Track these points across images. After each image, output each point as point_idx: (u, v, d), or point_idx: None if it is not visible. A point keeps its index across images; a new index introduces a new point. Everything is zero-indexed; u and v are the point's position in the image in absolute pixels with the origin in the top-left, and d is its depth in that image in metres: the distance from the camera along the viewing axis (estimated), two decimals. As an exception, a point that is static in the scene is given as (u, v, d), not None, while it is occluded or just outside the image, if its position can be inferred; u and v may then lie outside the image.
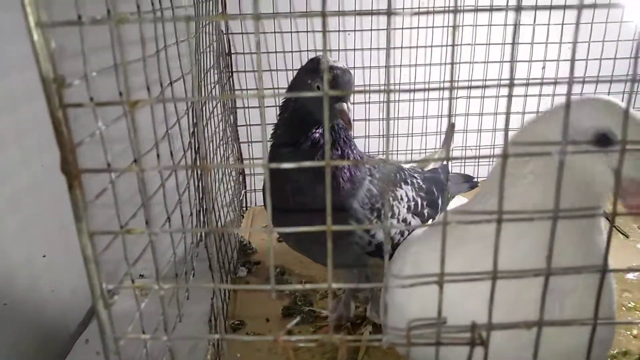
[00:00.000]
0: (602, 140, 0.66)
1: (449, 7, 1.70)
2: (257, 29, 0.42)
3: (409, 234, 1.03)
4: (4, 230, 1.13)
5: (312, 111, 1.06)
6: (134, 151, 0.47)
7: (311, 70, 1.07)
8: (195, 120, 1.00)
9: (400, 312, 0.74)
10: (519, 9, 0.43)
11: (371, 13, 0.42)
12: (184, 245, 0.99)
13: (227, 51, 1.72)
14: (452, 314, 0.53)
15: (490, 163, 1.94)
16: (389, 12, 0.43)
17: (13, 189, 1.19)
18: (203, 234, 1.11)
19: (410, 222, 1.20)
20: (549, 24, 1.67)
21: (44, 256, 1.34)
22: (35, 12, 0.40)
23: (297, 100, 1.08)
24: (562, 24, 1.65)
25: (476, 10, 0.39)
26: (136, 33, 0.54)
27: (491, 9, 0.39)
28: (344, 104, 1.02)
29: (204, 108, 1.11)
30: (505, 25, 1.76)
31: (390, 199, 1.17)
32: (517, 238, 0.70)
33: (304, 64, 1.14)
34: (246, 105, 1.81)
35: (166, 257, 0.89)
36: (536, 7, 0.38)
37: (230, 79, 1.75)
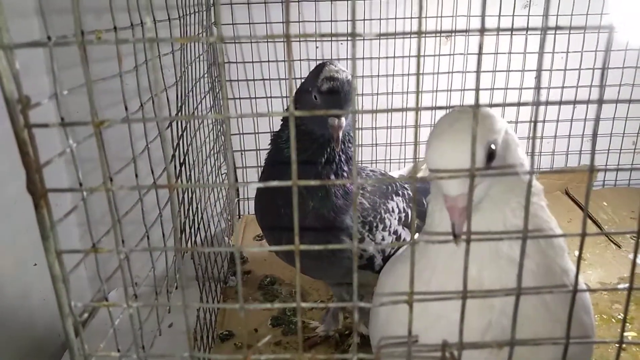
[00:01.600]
0: None
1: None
2: (221, 51, 0.43)
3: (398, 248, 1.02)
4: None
5: (310, 124, 1.03)
6: (103, 170, 0.47)
7: (313, 77, 1.02)
8: (180, 133, 1.00)
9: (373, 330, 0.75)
10: (482, 31, 0.43)
11: (334, 34, 0.42)
12: (167, 259, 0.99)
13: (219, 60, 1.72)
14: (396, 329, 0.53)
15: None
16: (354, 34, 0.43)
17: (3, 197, 1.20)
18: (189, 245, 1.11)
19: (400, 235, 1.20)
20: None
21: (35, 264, 1.34)
22: (-2, 35, 0.40)
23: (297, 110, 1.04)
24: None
25: (440, 32, 0.39)
26: (125, 48, 0.54)
27: (454, 32, 0.39)
28: (336, 120, 0.97)
29: (190, 120, 1.11)
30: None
31: (382, 211, 1.16)
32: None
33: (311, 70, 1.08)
34: (239, 114, 1.81)
35: (157, 268, 0.89)
36: (498, 29, 0.37)
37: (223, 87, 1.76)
